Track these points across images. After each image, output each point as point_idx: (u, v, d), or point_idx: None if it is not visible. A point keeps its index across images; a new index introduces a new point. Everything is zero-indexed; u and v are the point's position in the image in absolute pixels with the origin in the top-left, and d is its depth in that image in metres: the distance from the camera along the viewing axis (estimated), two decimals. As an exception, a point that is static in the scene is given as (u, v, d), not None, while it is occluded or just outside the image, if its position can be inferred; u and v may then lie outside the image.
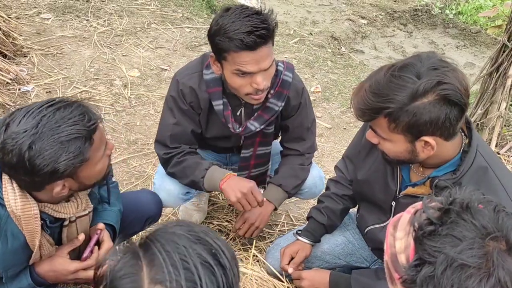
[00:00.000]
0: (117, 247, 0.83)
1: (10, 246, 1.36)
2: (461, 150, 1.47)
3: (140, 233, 2.01)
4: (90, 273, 1.51)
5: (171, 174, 2.04)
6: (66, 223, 1.49)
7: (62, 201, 1.44)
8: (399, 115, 1.32)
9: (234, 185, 1.89)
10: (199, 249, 0.80)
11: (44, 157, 1.22)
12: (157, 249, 0.79)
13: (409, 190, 1.58)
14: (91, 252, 1.53)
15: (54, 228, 1.48)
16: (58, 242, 1.52)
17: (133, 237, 2.20)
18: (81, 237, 1.52)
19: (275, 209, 2.12)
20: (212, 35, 1.71)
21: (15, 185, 1.32)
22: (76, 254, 1.55)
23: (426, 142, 1.37)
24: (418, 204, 0.97)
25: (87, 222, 1.55)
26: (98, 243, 1.56)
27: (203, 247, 0.81)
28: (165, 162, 2.02)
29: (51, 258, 1.49)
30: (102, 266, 0.82)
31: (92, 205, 1.54)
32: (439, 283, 0.84)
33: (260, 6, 1.74)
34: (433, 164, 1.50)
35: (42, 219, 1.39)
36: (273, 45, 1.75)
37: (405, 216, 0.97)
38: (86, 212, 1.51)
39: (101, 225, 1.57)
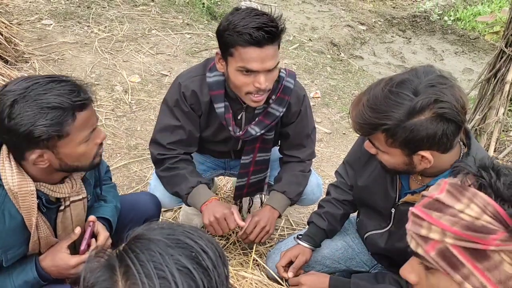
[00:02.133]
0: (93, 258, 0.82)
1: (8, 226, 1.39)
2: (460, 159, 1.49)
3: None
4: None
5: (160, 178, 2.04)
6: (61, 208, 1.51)
7: (57, 182, 1.46)
8: (396, 131, 1.34)
9: (211, 209, 1.93)
10: (177, 254, 0.78)
11: (22, 118, 1.27)
12: (130, 260, 0.77)
13: (409, 197, 1.60)
14: (88, 245, 1.56)
15: (50, 212, 1.50)
16: (54, 229, 1.54)
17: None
18: (77, 230, 1.54)
19: (279, 216, 2.13)
20: (221, 31, 1.74)
21: (12, 162, 1.36)
22: (75, 250, 1.57)
23: (423, 156, 1.39)
24: (443, 184, 0.95)
25: (82, 209, 1.57)
26: (95, 236, 1.59)
27: (181, 251, 0.79)
28: (157, 162, 2.03)
29: (52, 254, 1.52)
30: (77, 281, 0.81)
31: (86, 192, 1.56)
32: None
33: (271, 9, 1.78)
34: (431, 173, 1.52)
35: (38, 197, 1.41)
36: (278, 48, 1.77)
37: (441, 196, 0.93)
38: (80, 197, 1.54)
39: (92, 217, 1.58)
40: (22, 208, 1.39)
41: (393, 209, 1.67)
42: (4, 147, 1.38)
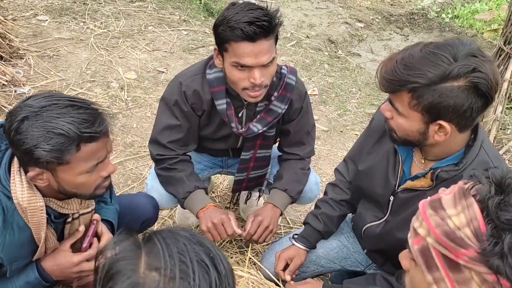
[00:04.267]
0: (117, 235, 0.87)
1: (17, 238, 1.38)
2: (466, 145, 1.46)
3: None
4: (93, 265, 1.51)
5: (158, 176, 2.04)
6: (69, 219, 1.50)
7: (65, 198, 1.45)
8: (424, 92, 1.29)
9: (208, 215, 1.92)
10: (198, 249, 0.83)
11: (27, 136, 1.26)
12: (157, 240, 0.83)
13: (408, 183, 1.57)
14: (90, 243, 1.54)
15: (57, 224, 1.49)
16: (60, 238, 1.53)
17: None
18: (81, 228, 1.53)
19: (281, 214, 2.11)
20: (216, 26, 1.73)
21: (23, 177, 1.35)
22: (78, 250, 1.56)
23: (441, 127, 1.35)
24: (456, 186, 0.95)
25: (89, 219, 1.57)
26: (98, 237, 1.58)
27: (201, 249, 0.84)
28: (156, 162, 2.02)
29: (54, 253, 1.51)
30: (104, 254, 0.86)
31: (94, 203, 1.55)
32: None
33: (267, 4, 1.76)
34: (436, 155, 1.49)
35: (47, 213, 1.40)
36: (276, 43, 1.75)
37: (446, 197, 0.94)
38: (89, 209, 1.53)
39: (96, 216, 1.57)
40: (31, 222, 1.38)
41: (392, 196, 1.65)
42: (16, 160, 1.37)
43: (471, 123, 1.36)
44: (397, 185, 1.62)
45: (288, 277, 1.87)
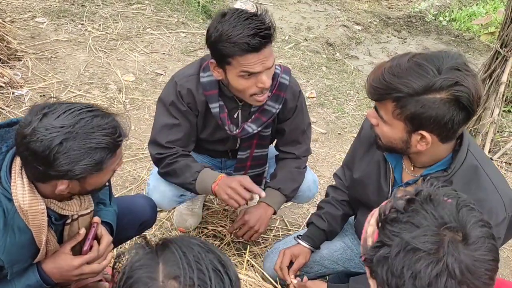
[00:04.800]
0: (135, 245, 0.89)
1: (18, 240, 1.38)
2: (453, 150, 1.48)
3: (134, 238, 2.00)
4: (94, 267, 1.53)
5: (163, 174, 2.02)
6: (68, 221, 1.50)
7: (64, 199, 1.45)
8: (407, 102, 1.33)
9: (224, 183, 1.88)
10: (211, 257, 0.86)
11: (69, 156, 1.27)
12: (174, 248, 0.85)
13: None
14: (90, 246, 1.54)
15: (57, 226, 1.49)
16: (60, 240, 1.53)
17: (126, 245, 2.19)
18: (82, 231, 1.53)
19: (274, 213, 2.12)
20: (213, 42, 1.73)
21: (25, 180, 1.35)
22: (77, 252, 1.55)
23: (422, 137, 1.38)
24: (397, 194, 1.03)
25: (89, 221, 1.57)
26: (98, 239, 1.58)
27: (214, 257, 0.87)
28: (156, 162, 2.01)
29: (54, 256, 1.50)
30: (122, 258, 0.88)
31: (93, 205, 1.56)
32: (392, 264, 0.90)
33: (257, 8, 1.76)
34: (424, 163, 1.51)
35: (48, 215, 1.40)
36: (272, 42, 1.77)
37: (382, 204, 1.03)
38: (88, 210, 1.53)
39: (96, 218, 1.58)
40: (32, 225, 1.38)
41: None
42: (17, 162, 1.36)
43: (452, 134, 1.39)
44: (390, 192, 1.64)
45: (292, 277, 1.87)
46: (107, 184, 1.52)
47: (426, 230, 0.90)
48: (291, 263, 1.90)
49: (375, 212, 1.04)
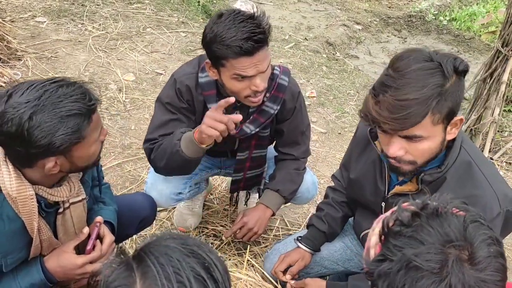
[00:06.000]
0: (110, 257, 0.85)
1: (8, 229, 1.36)
2: (446, 146, 1.48)
3: (134, 237, 1.99)
4: (97, 266, 1.50)
5: (155, 164, 1.93)
6: (60, 210, 1.49)
7: (55, 185, 1.44)
8: (444, 98, 1.29)
9: (201, 125, 1.72)
10: (192, 263, 0.81)
11: (43, 129, 1.25)
12: (151, 261, 0.80)
13: (397, 188, 1.59)
14: (93, 245, 1.54)
15: (49, 215, 1.48)
16: (54, 231, 1.52)
17: (126, 244, 2.19)
18: (85, 230, 1.53)
19: (273, 214, 2.12)
20: (208, 43, 1.71)
21: (10, 166, 1.33)
22: (80, 251, 1.55)
23: (460, 121, 1.38)
24: (403, 204, 1.00)
25: (82, 210, 1.55)
26: (100, 238, 1.57)
27: (196, 261, 0.82)
28: (149, 153, 1.93)
29: (57, 255, 1.49)
30: (97, 275, 0.83)
31: (84, 193, 1.54)
32: (393, 280, 0.87)
33: (254, 10, 1.74)
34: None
35: (37, 202, 1.39)
36: (268, 45, 1.75)
37: (387, 213, 1.00)
38: (79, 198, 1.52)
39: (99, 218, 1.57)
40: (22, 212, 1.36)
41: (383, 203, 1.66)
42: (0, 150, 1.35)
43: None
44: (386, 191, 1.63)
45: (288, 277, 1.87)
46: (99, 158, 1.49)
47: (430, 248, 0.86)
48: (289, 266, 1.91)
49: (380, 221, 1.01)
